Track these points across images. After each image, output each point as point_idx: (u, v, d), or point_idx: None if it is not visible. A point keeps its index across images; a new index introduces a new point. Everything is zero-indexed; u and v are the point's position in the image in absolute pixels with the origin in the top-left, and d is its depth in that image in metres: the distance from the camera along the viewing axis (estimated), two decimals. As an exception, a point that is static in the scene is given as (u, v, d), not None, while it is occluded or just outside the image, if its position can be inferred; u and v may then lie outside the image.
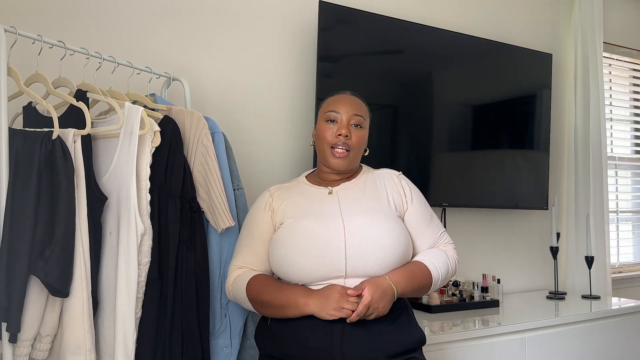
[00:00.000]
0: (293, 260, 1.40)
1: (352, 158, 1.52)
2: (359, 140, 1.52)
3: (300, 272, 1.40)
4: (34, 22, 1.74)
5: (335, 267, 1.39)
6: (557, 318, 2.23)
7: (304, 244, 1.40)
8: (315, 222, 1.44)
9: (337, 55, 2.16)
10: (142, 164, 1.37)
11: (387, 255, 1.41)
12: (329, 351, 1.36)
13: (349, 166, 1.53)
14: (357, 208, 1.48)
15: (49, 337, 1.27)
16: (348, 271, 1.39)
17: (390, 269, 1.43)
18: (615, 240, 3.29)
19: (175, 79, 1.79)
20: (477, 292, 2.38)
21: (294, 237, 1.43)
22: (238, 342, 1.62)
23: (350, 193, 1.53)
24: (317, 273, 1.39)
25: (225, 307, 1.60)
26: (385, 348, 1.40)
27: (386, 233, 1.43)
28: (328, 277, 1.40)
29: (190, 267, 1.47)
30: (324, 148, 1.53)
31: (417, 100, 2.40)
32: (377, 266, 1.40)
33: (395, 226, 1.46)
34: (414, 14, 2.50)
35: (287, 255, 1.41)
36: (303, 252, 1.40)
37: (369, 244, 1.40)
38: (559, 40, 3.06)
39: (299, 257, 1.40)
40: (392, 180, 1.58)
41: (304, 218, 1.46)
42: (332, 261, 1.39)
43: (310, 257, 1.39)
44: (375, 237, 1.41)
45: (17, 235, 1.18)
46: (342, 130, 1.50)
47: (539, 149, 2.76)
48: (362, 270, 1.40)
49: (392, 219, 1.48)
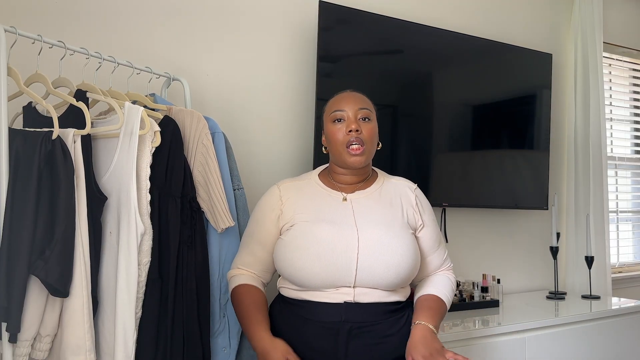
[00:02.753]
0: (303, 265, 1.38)
1: (368, 152, 1.49)
2: (370, 133, 1.49)
3: (308, 277, 1.38)
4: (34, 22, 1.74)
5: (345, 276, 1.38)
6: (557, 318, 2.23)
7: (316, 251, 1.38)
8: (329, 229, 1.42)
9: (337, 55, 2.16)
10: (142, 164, 1.37)
11: (397, 270, 1.40)
12: (333, 354, 1.36)
13: (366, 161, 1.50)
14: (372, 219, 1.46)
15: (49, 337, 1.27)
16: (357, 281, 1.39)
17: (397, 283, 1.42)
18: (615, 240, 3.29)
19: (175, 79, 1.79)
20: (477, 292, 2.38)
21: (306, 243, 1.40)
22: (237, 342, 1.62)
23: (364, 202, 1.51)
24: (326, 280, 1.38)
25: (224, 307, 1.60)
26: (390, 351, 1.40)
27: (399, 248, 1.41)
28: (336, 285, 1.39)
29: (190, 267, 1.46)
30: (339, 149, 1.49)
31: (417, 100, 2.40)
32: (386, 280, 1.40)
33: (407, 242, 1.45)
34: (414, 14, 2.50)
35: (298, 260, 1.39)
36: (315, 258, 1.38)
37: (382, 257, 1.39)
38: (559, 40, 3.06)
39: (309, 262, 1.38)
40: (407, 194, 1.57)
41: (317, 223, 1.44)
42: (342, 270, 1.38)
43: (322, 264, 1.37)
44: (388, 252, 1.40)
45: (17, 235, 1.18)
46: (352, 125, 1.47)
47: (539, 149, 2.76)
48: (371, 282, 1.39)
49: (405, 233, 1.46)
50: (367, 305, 1.39)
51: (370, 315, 1.39)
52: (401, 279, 1.42)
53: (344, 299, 1.39)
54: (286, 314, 1.46)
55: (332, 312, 1.38)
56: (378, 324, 1.39)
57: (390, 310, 1.42)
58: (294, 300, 1.44)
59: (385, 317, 1.41)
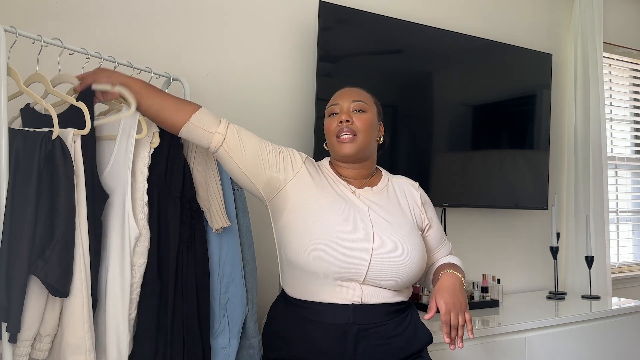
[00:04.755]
0: (316, 251, 1.35)
1: (361, 142, 1.48)
2: (364, 123, 1.48)
3: (321, 263, 1.35)
4: (34, 22, 1.74)
5: (357, 269, 1.36)
6: (557, 318, 2.23)
7: (331, 238, 1.36)
8: (342, 219, 1.40)
9: (337, 55, 2.16)
10: (139, 165, 1.37)
11: (407, 270, 1.40)
12: (341, 356, 1.36)
13: (359, 151, 1.48)
14: (384, 216, 1.46)
15: (49, 337, 1.27)
16: (367, 277, 1.37)
17: (407, 283, 1.42)
18: (615, 240, 3.29)
19: (175, 79, 1.78)
20: (477, 292, 2.38)
21: (318, 229, 1.38)
22: (237, 343, 1.61)
23: (374, 199, 1.50)
24: (338, 270, 1.35)
25: (224, 308, 1.60)
26: (397, 352, 1.40)
27: (410, 250, 1.42)
28: (345, 278, 1.37)
29: (190, 267, 1.46)
30: (331, 140, 1.51)
31: (417, 100, 2.40)
32: (394, 280, 1.40)
33: (417, 241, 1.46)
34: (414, 14, 2.50)
35: (309, 245, 1.36)
36: (330, 245, 1.35)
37: (394, 258, 1.39)
38: (559, 40, 3.06)
39: (324, 249, 1.35)
40: (412, 192, 1.58)
41: (332, 212, 1.41)
42: (356, 262, 1.36)
43: (337, 252, 1.35)
44: (400, 253, 1.40)
45: (17, 235, 1.18)
46: (342, 116, 1.48)
47: (539, 149, 2.76)
48: (380, 281, 1.39)
49: (414, 235, 1.47)
50: (374, 306, 1.39)
51: (376, 317, 1.39)
52: (408, 280, 1.42)
53: (351, 300, 1.38)
54: (290, 315, 1.45)
55: (340, 314, 1.37)
56: (384, 324, 1.39)
57: (395, 311, 1.42)
58: (299, 301, 1.43)
59: (391, 317, 1.41)
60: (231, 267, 1.58)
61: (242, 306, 1.59)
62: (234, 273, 1.59)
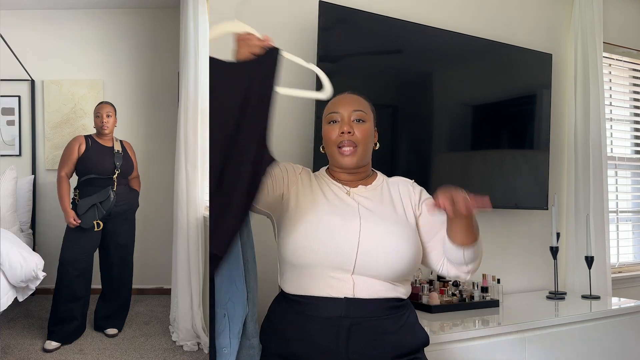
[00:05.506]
0: (310, 245, 1.42)
1: (361, 153, 1.53)
2: (364, 134, 1.52)
3: (313, 255, 1.41)
4: None
5: (346, 257, 1.40)
6: (557, 318, 2.23)
7: (321, 233, 1.42)
8: (335, 215, 1.46)
9: (337, 55, 2.16)
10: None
11: (397, 259, 1.42)
12: (334, 351, 1.38)
13: (359, 162, 1.53)
14: (372, 208, 1.50)
15: None
16: (357, 267, 1.41)
17: (398, 274, 1.44)
18: (615, 240, 3.29)
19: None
20: (477, 292, 2.38)
21: (313, 225, 1.44)
22: (237, 343, 1.61)
23: (367, 195, 1.54)
24: (328, 259, 1.40)
25: (225, 307, 1.60)
26: (390, 349, 1.41)
27: (399, 238, 1.45)
28: (336, 267, 1.41)
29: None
30: (332, 149, 1.54)
31: (417, 100, 2.40)
32: (386, 269, 1.42)
33: (407, 233, 1.48)
34: (414, 14, 2.50)
35: (301, 239, 1.43)
36: (320, 237, 1.42)
37: (382, 246, 1.42)
38: (559, 40, 3.06)
39: (315, 241, 1.42)
40: (406, 187, 1.60)
41: (323, 211, 1.47)
42: (343, 252, 1.40)
43: (326, 243, 1.41)
44: (389, 242, 1.43)
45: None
46: (344, 127, 1.51)
47: (539, 148, 2.76)
48: (370, 270, 1.41)
49: (405, 225, 1.49)
50: (368, 300, 1.41)
51: (369, 311, 1.41)
52: (399, 270, 1.43)
53: (344, 293, 1.40)
54: (288, 311, 1.48)
55: (333, 308, 1.40)
56: (377, 319, 1.41)
57: (390, 307, 1.44)
58: (295, 296, 1.46)
59: (385, 313, 1.42)
60: (231, 267, 1.58)
61: (243, 306, 1.59)
62: (235, 273, 1.59)
